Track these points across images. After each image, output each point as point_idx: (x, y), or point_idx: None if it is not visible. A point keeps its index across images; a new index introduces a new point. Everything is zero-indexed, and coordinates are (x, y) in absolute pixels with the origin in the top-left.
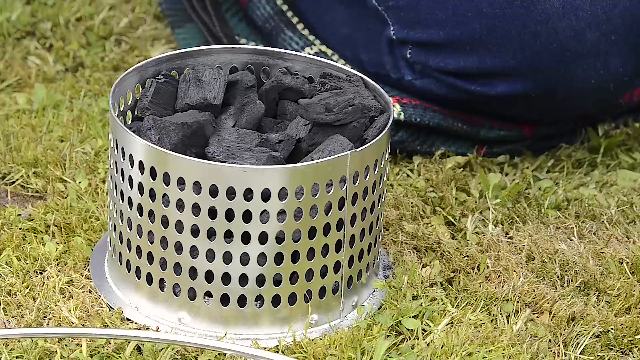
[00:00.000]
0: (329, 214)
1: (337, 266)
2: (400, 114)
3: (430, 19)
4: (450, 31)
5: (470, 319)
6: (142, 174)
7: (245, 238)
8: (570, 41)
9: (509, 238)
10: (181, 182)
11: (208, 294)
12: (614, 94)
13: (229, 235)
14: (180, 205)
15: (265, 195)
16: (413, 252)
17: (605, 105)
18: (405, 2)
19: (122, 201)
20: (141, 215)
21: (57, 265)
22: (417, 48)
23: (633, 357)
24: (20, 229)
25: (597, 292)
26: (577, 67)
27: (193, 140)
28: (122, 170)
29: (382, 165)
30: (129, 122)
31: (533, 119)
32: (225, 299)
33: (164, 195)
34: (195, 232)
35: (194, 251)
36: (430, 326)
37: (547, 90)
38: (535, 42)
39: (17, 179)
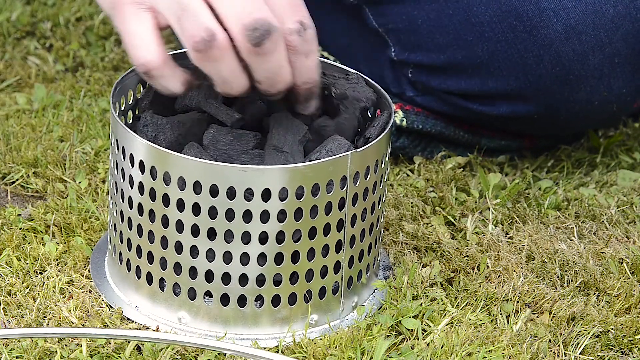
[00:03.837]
0: (330, 214)
1: (337, 266)
2: (403, 120)
3: (431, 42)
4: (451, 55)
5: (470, 319)
6: (142, 174)
7: (246, 238)
8: (573, 65)
9: (509, 238)
10: (181, 181)
11: (208, 293)
12: (617, 113)
13: (229, 235)
14: (180, 205)
15: (266, 195)
16: (413, 252)
17: (608, 123)
18: (404, 26)
19: (123, 201)
20: (141, 215)
21: (57, 265)
22: (418, 69)
23: (633, 357)
24: (20, 229)
25: (597, 292)
26: (580, 89)
27: (189, 139)
28: (122, 169)
29: (382, 166)
30: (130, 122)
31: (535, 134)
32: (225, 299)
33: (165, 194)
34: (195, 231)
35: (194, 251)
36: (430, 326)
37: (550, 111)
38: (538, 66)
39: (17, 179)
